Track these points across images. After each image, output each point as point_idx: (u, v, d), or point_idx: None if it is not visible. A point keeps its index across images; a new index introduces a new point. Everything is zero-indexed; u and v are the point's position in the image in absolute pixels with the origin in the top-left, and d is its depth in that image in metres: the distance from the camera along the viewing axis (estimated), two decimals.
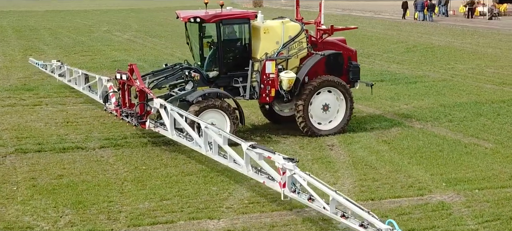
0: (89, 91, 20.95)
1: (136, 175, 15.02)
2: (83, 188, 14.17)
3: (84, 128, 19.19)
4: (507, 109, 21.48)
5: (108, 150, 17.08)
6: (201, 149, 14.08)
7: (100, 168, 15.57)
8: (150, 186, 14.32)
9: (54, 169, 15.49)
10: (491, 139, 17.96)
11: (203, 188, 14.17)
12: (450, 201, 13.37)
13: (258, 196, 13.66)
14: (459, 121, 20.08)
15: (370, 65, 31.50)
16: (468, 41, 40.74)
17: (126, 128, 19.03)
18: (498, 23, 51.85)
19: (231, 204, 13.26)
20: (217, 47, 17.74)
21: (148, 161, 16.10)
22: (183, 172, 15.23)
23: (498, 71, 29.44)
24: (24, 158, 16.35)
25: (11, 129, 19.05)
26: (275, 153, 11.57)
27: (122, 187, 14.29)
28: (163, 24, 53.79)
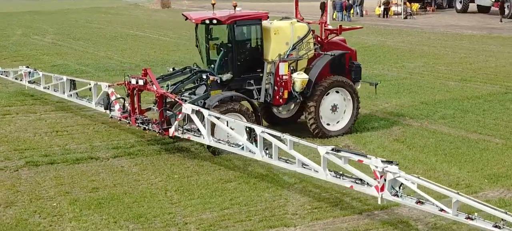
0: (77, 99, 19.81)
1: (175, 185, 14.33)
2: (130, 200, 13.38)
3: (81, 137, 18.18)
4: (489, 105, 22.08)
5: (123, 159, 16.24)
6: (255, 155, 13.56)
7: (130, 179, 14.76)
8: (198, 195, 13.72)
9: (82, 181, 14.56)
10: (495, 134, 18.36)
11: (254, 195, 13.70)
12: (505, 197, 13.55)
13: (315, 201, 13.37)
14: (451, 117, 20.45)
15: None
16: (399, 40, 41.77)
17: (126, 135, 18.24)
18: (414, 22, 53.55)
19: (294, 210, 12.89)
20: (231, 49, 17.20)
21: (176, 169, 15.43)
22: (221, 179, 14.69)
23: (448, 68, 30.29)
24: (40, 171, 15.28)
25: (1, 141, 17.73)
26: (367, 156, 11.31)
27: (169, 197, 13.60)
28: (79, 27, 52.12)
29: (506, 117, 20.54)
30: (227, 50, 17.36)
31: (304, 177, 14.56)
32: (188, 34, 46.64)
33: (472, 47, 37.44)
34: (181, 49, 38.09)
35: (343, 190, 13.85)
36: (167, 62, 32.66)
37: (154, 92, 16.38)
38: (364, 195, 13.37)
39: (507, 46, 37.95)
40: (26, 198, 13.55)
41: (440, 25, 51.04)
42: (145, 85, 16.40)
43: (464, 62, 31.98)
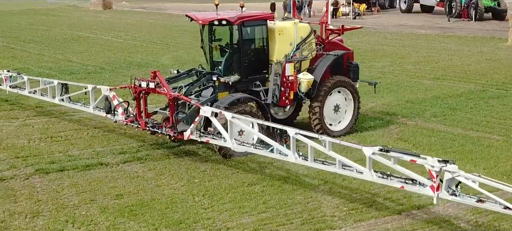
0: (70, 103, 19.16)
1: (200, 189, 14.02)
2: (161, 206, 13.02)
3: (80, 143, 17.63)
4: (474, 102, 22.48)
5: (134, 164, 15.80)
6: (288, 157, 13.35)
7: (151, 184, 14.37)
8: (228, 199, 13.44)
9: (102, 188, 14.09)
10: (492, 131, 18.65)
11: (284, 197, 13.51)
12: None
13: (348, 202, 13.28)
14: (442, 116, 20.72)
15: None
16: (357, 40, 42.06)
17: (126, 140, 17.82)
18: (364, 22, 54.11)
19: (331, 212, 12.76)
20: (238, 50, 16.97)
21: (192, 173, 15.12)
22: (243, 183, 14.44)
23: (416, 67, 30.68)
24: (53, 178, 14.72)
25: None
26: (420, 155, 11.29)
27: (199, 202, 13.29)
28: (23, 29, 50.73)
29: (494, 113, 20.93)
30: (234, 52, 17.12)
31: (326, 178, 14.51)
32: (141, 35, 46.11)
33: (431, 46, 38.09)
34: (141, 51, 37.55)
35: (372, 190, 13.86)
36: (131, 64, 32.23)
37: (165, 95, 15.96)
38: (396, 194, 13.46)
39: (464, 44, 38.79)
40: (50, 207, 13.01)
41: (390, 25, 51.81)
42: (155, 88, 15.97)
43: (430, 61, 32.49)
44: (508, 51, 35.76)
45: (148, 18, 61.40)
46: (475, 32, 44.79)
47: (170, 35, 45.75)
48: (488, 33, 44.53)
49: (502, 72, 28.76)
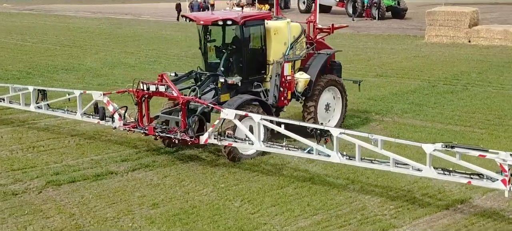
0: (49, 110, 18.01)
1: (233, 194, 13.59)
2: (208, 213, 12.51)
3: (70, 152, 16.68)
4: (434, 98, 23.14)
5: (144, 172, 15.12)
6: (331, 158, 13.17)
7: (180, 191, 13.78)
8: (270, 203, 13.08)
9: (130, 198, 13.39)
10: (471, 125, 19.27)
11: (325, 198, 13.31)
12: None
13: (390, 200, 13.23)
14: (412, 111, 21.16)
15: None
16: None
17: (118, 147, 17.08)
18: None
19: (381, 211, 12.67)
20: (240, 50, 16.61)
21: (213, 178, 14.64)
22: (273, 185, 14.13)
23: (353, 65, 30.89)
24: (70, 190, 13.85)
25: None
26: (489, 150, 11.46)
27: (242, 207, 12.88)
28: None
29: (460, 108, 21.66)
30: (234, 52, 16.72)
31: (349, 176, 14.50)
32: (48, 38, 44.22)
33: (354, 45, 38.89)
34: (57, 54, 36.08)
35: (404, 186, 13.96)
36: (56, 68, 30.87)
37: (176, 99, 15.36)
38: (429, 190, 13.64)
39: (384, 43, 39.92)
40: (90, 220, 12.22)
41: None
42: (164, 92, 15.34)
43: (361, 60, 33.17)
44: (429, 47, 37.11)
45: (43, 21, 58.91)
46: (384, 31, 46.23)
47: (80, 37, 44.15)
48: (397, 31, 46.10)
49: (438, 68, 29.82)
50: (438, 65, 30.53)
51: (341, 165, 14.68)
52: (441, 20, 38.24)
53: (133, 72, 29.35)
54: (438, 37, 38.42)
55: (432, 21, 38.70)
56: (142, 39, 43.60)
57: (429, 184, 14.02)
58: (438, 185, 13.90)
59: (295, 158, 15.56)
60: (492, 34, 36.88)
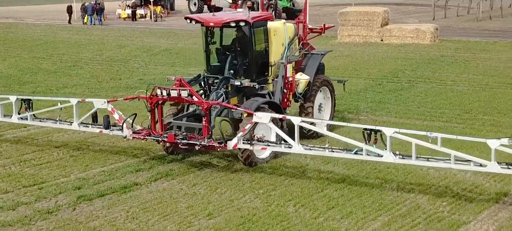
0: (36, 120, 16.73)
1: (280, 199, 13.19)
2: (272, 221, 12.04)
3: (73, 165, 15.62)
4: (389, 96, 23.65)
5: (168, 181, 14.40)
6: (384, 158, 13.06)
7: (223, 199, 13.21)
8: (325, 207, 12.79)
9: (179, 209, 12.71)
10: (448, 120, 19.79)
11: (375, 199, 13.15)
12: None
13: (437, 197, 13.22)
14: (381, 109, 21.45)
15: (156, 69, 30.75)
16: (190, 42, 41.91)
17: (118, 157, 16.21)
18: (169, 24, 53.99)
19: (438, 209, 12.60)
20: (249, 52, 16.22)
21: (246, 184, 14.17)
22: (313, 188, 13.83)
23: None
24: (106, 205, 12.96)
25: None
26: None
27: (299, 212, 12.50)
28: None
29: (423, 104, 22.28)
30: (240, 54, 16.29)
31: (377, 175, 14.53)
32: None
33: None
34: None
35: (439, 182, 14.12)
36: None
37: (199, 104, 14.75)
38: (466, 184, 13.95)
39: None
40: None
41: (197, 27, 51.67)
42: (184, 97, 14.70)
43: None
44: (346, 47, 37.92)
45: None
46: None
47: None
48: None
49: (370, 67, 30.57)
50: (369, 64, 31.27)
51: (363, 163, 14.83)
52: (353, 20, 39.22)
53: (59, 78, 28.59)
54: (351, 37, 39.36)
55: (344, 21, 39.59)
56: (43, 43, 41.83)
57: (461, 178, 14.29)
58: (472, 179, 14.19)
59: (307, 159, 15.47)
60: (404, 33, 38.24)
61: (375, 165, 14.89)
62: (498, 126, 19.18)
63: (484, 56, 33.69)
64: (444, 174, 14.50)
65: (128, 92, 24.08)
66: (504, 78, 27.19)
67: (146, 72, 30.18)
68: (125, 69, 31.43)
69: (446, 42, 38.94)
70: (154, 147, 16.72)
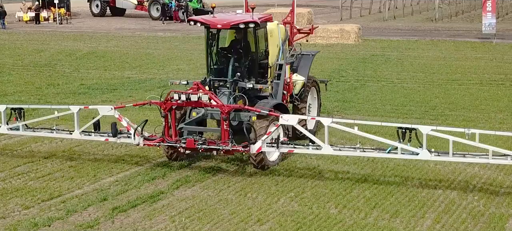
0: (28, 130, 15.75)
1: (311, 202, 13.06)
2: (327, 224, 11.96)
3: (77, 175, 14.87)
4: (350, 95, 24.09)
5: (190, 188, 13.96)
6: (420, 156, 13.17)
7: (262, 205, 12.94)
8: (367, 207, 12.78)
9: (223, 217, 12.33)
10: (420, 117, 20.29)
11: (410, 197, 13.26)
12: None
13: (466, 195, 13.47)
14: (350, 108, 21.67)
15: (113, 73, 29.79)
16: (111, 44, 40.78)
17: (124, 164, 15.61)
18: (75, 26, 52.43)
19: (483, 205, 12.83)
20: (254, 54, 15.99)
21: (272, 187, 13.95)
22: (335, 189, 13.80)
23: None
24: (141, 216, 12.42)
25: None
26: None
27: (347, 215, 12.43)
28: None
29: (383, 101, 22.71)
30: (245, 56, 16.01)
31: (397, 173, 14.73)
32: None
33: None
34: None
35: (464, 178, 14.45)
36: None
37: (219, 108, 14.37)
38: (483, 179, 14.38)
39: None
40: None
41: (107, 29, 50.64)
42: (203, 102, 14.31)
43: None
44: None
45: None
46: None
47: None
48: None
49: None
50: None
51: (372, 162, 15.03)
52: (278, 21, 39.28)
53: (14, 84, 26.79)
54: None
55: None
56: None
57: (473, 173, 14.71)
58: (480, 173, 14.72)
59: (313, 159, 15.56)
60: (329, 33, 38.87)
61: (384, 162, 15.11)
62: (471, 120, 19.81)
63: (412, 54, 34.81)
64: (453, 169, 14.91)
65: (76, 99, 23.27)
66: (446, 75, 28.24)
67: (82, 77, 29.02)
68: (57, 74, 30.13)
69: (369, 41, 39.96)
70: (151, 153, 16.29)
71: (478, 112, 21.11)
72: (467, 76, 27.87)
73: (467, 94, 24.08)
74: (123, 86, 26.31)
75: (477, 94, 24.02)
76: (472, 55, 34.52)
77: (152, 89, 25.03)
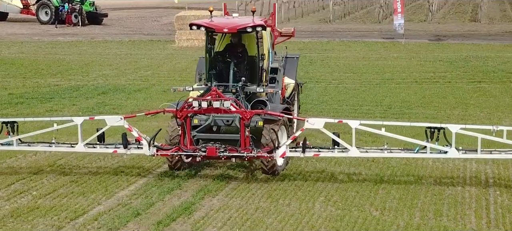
0: (23, 145, 14.58)
1: (347, 205, 12.98)
2: (380, 228, 11.94)
3: (89, 190, 13.95)
4: (317, 96, 24.26)
5: (214, 197, 13.43)
6: (449, 154, 13.40)
7: (302, 212, 12.68)
8: (410, 208, 12.88)
9: (274, 227, 12.05)
10: (401, 118, 20.29)
11: (440, 198, 13.26)
12: None
13: (489, 187, 13.97)
14: (329, 109, 21.50)
15: None
16: (15, 51, 38.83)
17: (132, 176, 14.89)
18: None
19: (506, 201, 13.16)
20: (257, 58, 15.68)
21: (297, 192, 13.74)
22: (363, 190, 13.80)
23: (172, 74, 30.14)
24: None
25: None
26: None
27: (385, 217, 12.43)
28: None
29: (356, 103, 22.83)
30: (247, 59, 15.71)
31: (413, 173, 14.95)
32: None
33: (140, 53, 37.27)
34: None
35: (475, 172, 14.95)
36: None
37: (240, 113, 13.99)
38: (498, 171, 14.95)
39: (133, 48, 39.40)
40: None
41: (5, 33, 48.15)
42: (226, 109, 13.90)
43: (173, 69, 31.73)
44: (190, 51, 37.47)
45: None
46: (114, 37, 45.34)
47: None
48: (131, 36, 45.71)
49: None
50: None
51: (375, 162, 15.17)
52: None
53: None
54: (189, 41, 39.10)
55: (181, 25, 39.20)
56: None
57: (476, 168, 15.24)
58: (480, 168, 15.23)
59: (316, 162, 15.51)
60: None
61: (385, 162, 15.37)
62: (433, 117, 20.40)
63: (331, 55, 35.49)
64: (457, 165, 15.41)
65: (18, 110, 21.89)
66: (377, 74, 29.02)
67: (5, 86, 27.18)
68: None
69: (283, 43, 40.07)
70: (147, 163, 15.58)
71: (434, 110, 21.83)
72: (398, 75, 28.75)
73: (411, 93, 24.83)
74: (58, 95, 25.01)
75: (422, 92, 24.82)
76: (388, 55, 35.67)
77: (93, 97, 24.19)
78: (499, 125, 13.88)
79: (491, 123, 17.86)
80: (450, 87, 26.01)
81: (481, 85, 26.59)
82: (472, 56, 34.79)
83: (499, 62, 32.65)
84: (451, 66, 31.34)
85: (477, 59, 33.91)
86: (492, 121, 19.63)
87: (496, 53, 36.43)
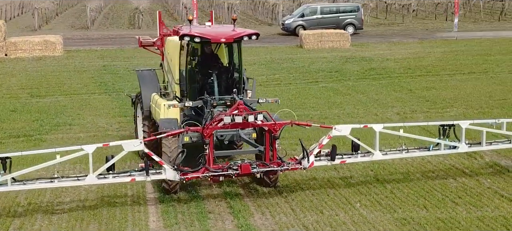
0: (20, 184, 12.80)
1: (384, 209, 13.20)
2: (457, 226, 12.29)
3: (121, 220, 13.03)
4: None
5: (262, 217, 13.07)
6: (459, 149, 14.40)
7: (345, 219, 12.74)
8: (455, 205, 13.28)
9: None
10: (386, 120, 20.42)
11: (475, 194, 13.87)
12: None
13: (495, 176, 14.78)
14: (313, 115, 21.26)
15: None
16: None
17: (144, 199, 14.10)
18: None
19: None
20: (238, 68, 15.18)
21: (325, 200, 13.72)
22: (394, 192, 14.09)
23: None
24: None
25: None
26: None
27: (449, 219, 12.69)
28: None
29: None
30: (231, 70, 15.29)
31: (416, 170, 15.39)
32: None
33: None
34: None
35: (478, 165, 15.63)
36: None
37: (270, 126, 13.54)
38: None
39: None
40: None
41: None
42: (256, 122, 13.43)
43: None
44: (26, 63, 34.69)
45: None
46: None
47: None
48: None
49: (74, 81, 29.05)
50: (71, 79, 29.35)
51: (391, 159, 15.19)
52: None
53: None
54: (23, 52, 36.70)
55: None
56: None
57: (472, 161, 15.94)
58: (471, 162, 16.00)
59: None
60: (31, 46, 36.63)
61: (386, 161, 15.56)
62: (403, 114, 21.02)
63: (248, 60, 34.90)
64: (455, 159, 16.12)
65: None
66: (316, 73, 29.57)
67: None
68: None
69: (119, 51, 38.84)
70: (143, 187, 14.68)
71: (399, 107, 22.53)
72: (329, 76, 29.21)
73: (364, 91, 25.34)
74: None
75: (373, 94, 25.11)
76: (302, 56, 35.67)
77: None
78: None
79: None
80: None
81: None
82: None
83: None
84: None
85: None
86: None
87: None
